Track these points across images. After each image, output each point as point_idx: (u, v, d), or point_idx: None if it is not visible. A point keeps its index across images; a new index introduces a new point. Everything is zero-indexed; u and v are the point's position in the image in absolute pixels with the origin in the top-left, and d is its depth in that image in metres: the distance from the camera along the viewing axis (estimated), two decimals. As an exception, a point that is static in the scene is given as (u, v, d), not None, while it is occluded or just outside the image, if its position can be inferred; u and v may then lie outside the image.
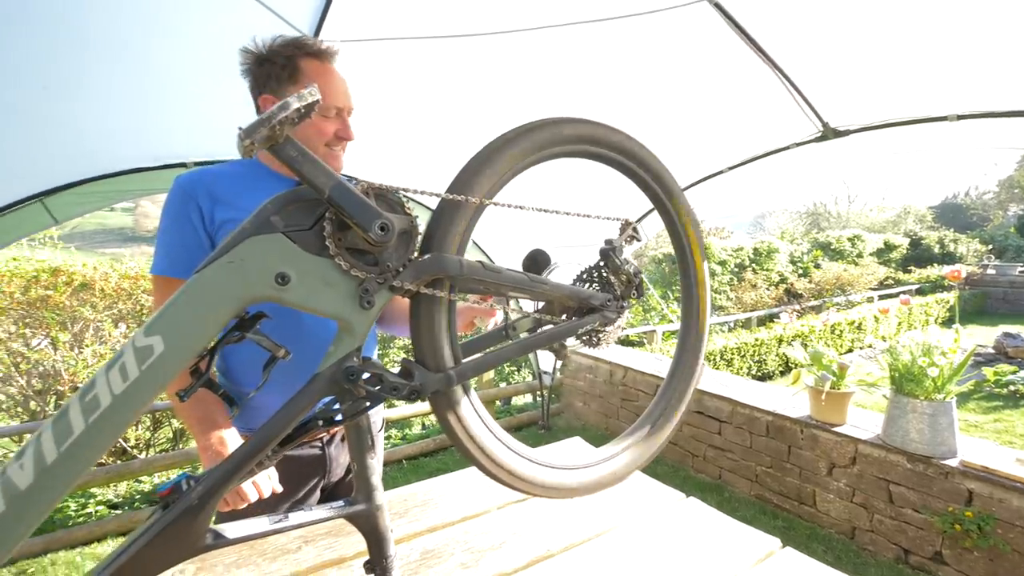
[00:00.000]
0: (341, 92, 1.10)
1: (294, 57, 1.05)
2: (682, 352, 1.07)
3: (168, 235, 1.04)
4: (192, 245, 1.03)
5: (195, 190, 1.04)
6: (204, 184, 1.05)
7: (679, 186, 1.05)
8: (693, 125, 3.05)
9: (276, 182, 1.11)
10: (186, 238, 1.03)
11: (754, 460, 3.22)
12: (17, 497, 0.45)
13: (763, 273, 10.94)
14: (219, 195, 1.05)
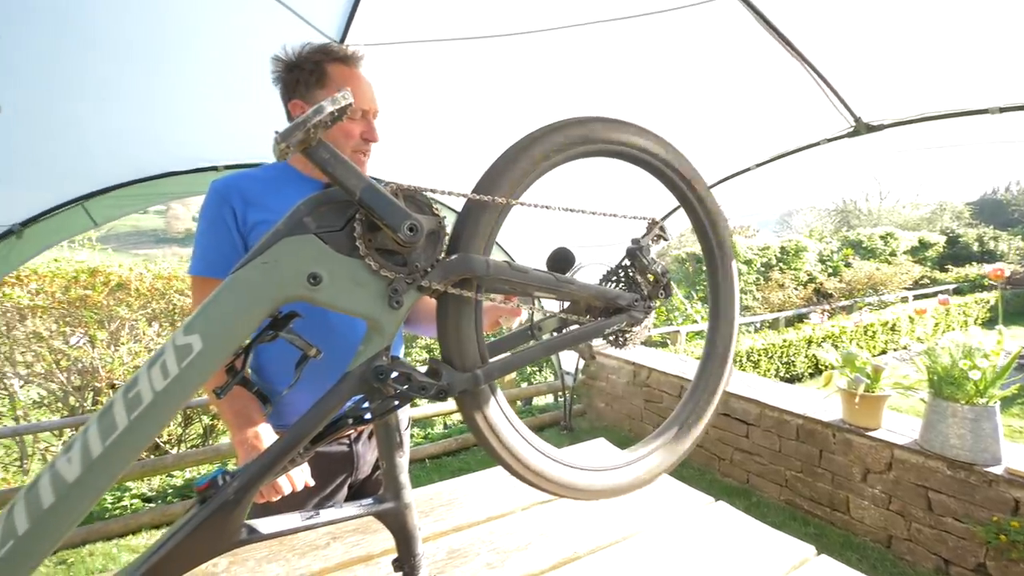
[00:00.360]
0: (367, 95, 1.12)
1: (321, 63, 1.09)
2: (710, 354, 1.05)
3: (204, 237, 1.08)
4: (226, 246, 1.07)
5: (229, 194, 1.07)
6: (237, 188, 1.08)
7: (707, 185, 1.03)
8: (719, 122, 2.99)
9: (305, 184, 1.14)
10: (220, 240, 1.07)
11: (783, 464, 3.14)
12: (65, 490, 0.47)
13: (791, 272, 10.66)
14: (251, 198, 1.08)
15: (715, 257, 1.04)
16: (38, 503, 0.46)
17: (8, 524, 0.45)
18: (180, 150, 2.68)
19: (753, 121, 3.03)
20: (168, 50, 1.91)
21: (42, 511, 0.45)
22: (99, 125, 2.24)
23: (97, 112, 2.13)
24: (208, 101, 2.28)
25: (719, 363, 1.04)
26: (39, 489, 0.46)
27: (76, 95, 1.99)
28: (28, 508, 0.45)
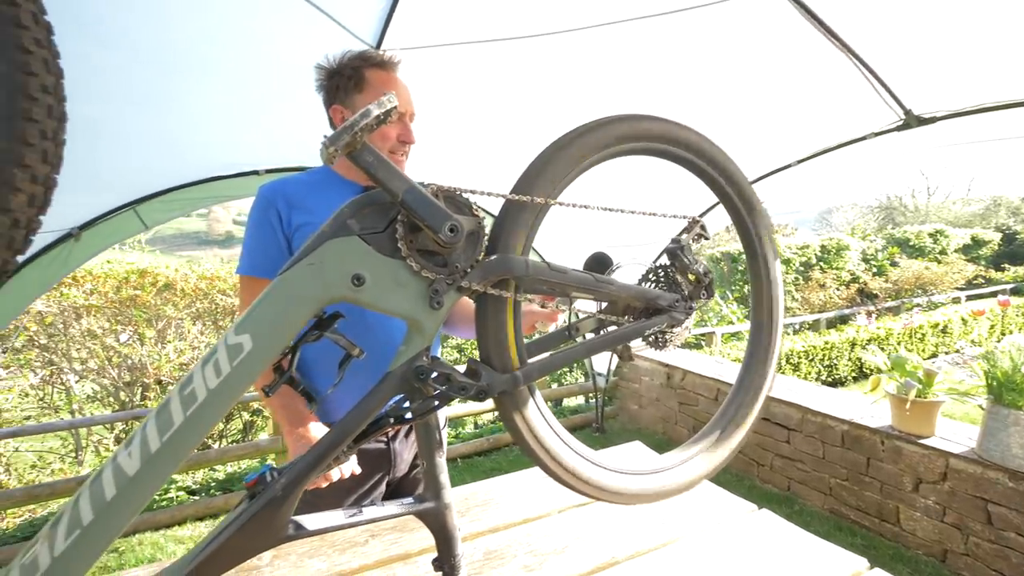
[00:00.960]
0: (403, 98, 1.15)
1: (360, 68, 1.13)
2: (752, 357, 1.01)
3: (251, 239, 1.13)
4: (272, 248, 1.11)
5: (274, 197, 1.12)
6: (282, 192, 1.13)
7: (749, 183, 0.99)
8: (758, 118, 2.89)
9: (346, 188, 1.17)
10: (266, 241, 1.11)
11: (828, 472, 3.01)
12: (126, 483, 0.48)
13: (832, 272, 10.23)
14: (295, 201, 1.12)
15: (758, 257, 1.01)
16: (101, 495, 0.47)
17: (74, 515, 0.47)
18: (223, 155, 2.78)
19: (794, 116, 2.92)
20: (211, 59, 1.98)
21: (105, 503, 0.47)
22: (149, 133, 2.35)
23: (147, 120, 2.24)
24: (250, 107, 2.36)
25: (762, 367, 1.01)
26: (102, 482, 0.48)
27: (127, 105, 2.09)
28: (92, 500, 0.47)
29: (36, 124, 0.43)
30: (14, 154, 0.42)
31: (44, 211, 0.46)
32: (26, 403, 5.35)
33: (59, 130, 0.46)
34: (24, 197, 0.43)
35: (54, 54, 0.45)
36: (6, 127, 0.42)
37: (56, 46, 0.46)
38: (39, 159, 0.44)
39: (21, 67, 0.42)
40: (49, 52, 0.45)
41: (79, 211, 2.72)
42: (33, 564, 0.45)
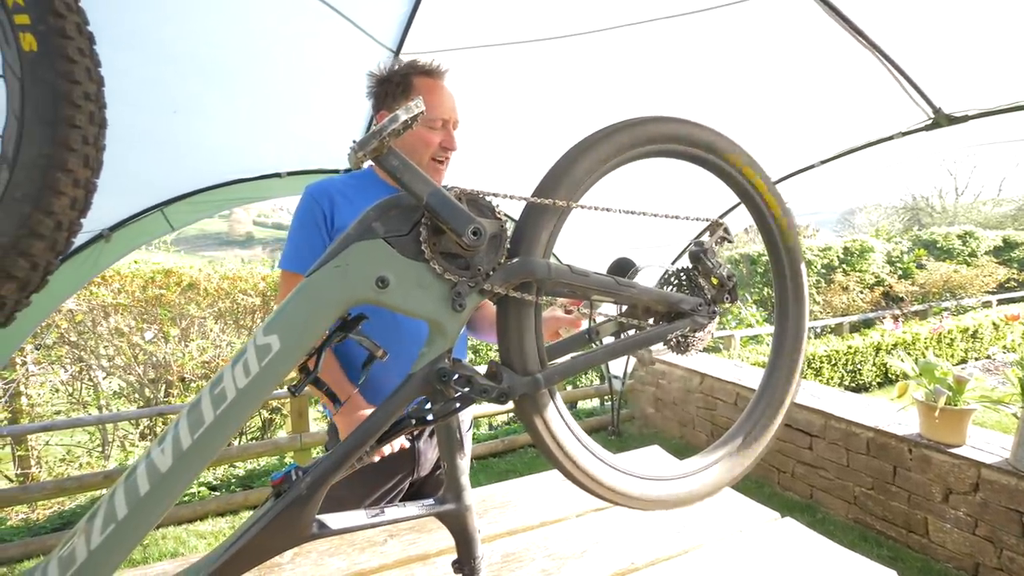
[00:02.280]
0: (446, 105, 1.19)
1: (408, 75, 1.17)
2: (776, 362, 0.99)
3: (296, 235, 1.17)
4: (316, 245, 1.16)
5: (320, 196, 1.16)
6: (327, 191, 1.17)
7: (774, 185, 0.97)
8: (781, 118, 2.84)
9: (386, 190, 1.21)
10: (311, 238, 1.16)
11: (852, 480, 2.93)
12: (159, 479, 0.50)
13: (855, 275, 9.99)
14: (339, 200, 1.17)
15: (782, 259, 0.99)
16: (135, 490, 0.49)
17: (109, 509, 0.49)
18: (245, 158, 2.84)
19: (818, 116, 2.87)
20: (236, 66, 2.02)
21: (139, 498, 0.49)
22: (176, 137, 2.41)
23: (175, 125, 2.30)
24: (272, 111, 2.41)
25: (786, 373, 0.99)
26: (136, 477, 0.49)
27: (156, 110, 2.15)
28: (127, 495, 0.49)
29: (79, 130, 0.45)
30: (58, 159, 0.44)
31: (84, 214, 0.48)
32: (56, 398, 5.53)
33: (99, 136, 0.47)
34: (67, 200, 0.45)
35: (95, 63, 0.47)
36: (51, 133, 0.43)
37: (97, 55, 0.47)
38: (81, 164, 0.45)
39: (65, 75, 0.44)
40: (91, 61, 0.46)
41: (110, 213, 2.80)
42: (71, 556, 0.47)
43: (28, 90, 0.43)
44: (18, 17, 0.43)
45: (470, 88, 2.35)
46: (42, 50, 0.43)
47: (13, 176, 0.43)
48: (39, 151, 0.43)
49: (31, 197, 0.43)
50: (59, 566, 0.46)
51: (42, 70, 0.44)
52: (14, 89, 0.44)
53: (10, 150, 0.43)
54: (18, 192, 0.43)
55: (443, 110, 1.17)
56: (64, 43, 0.44)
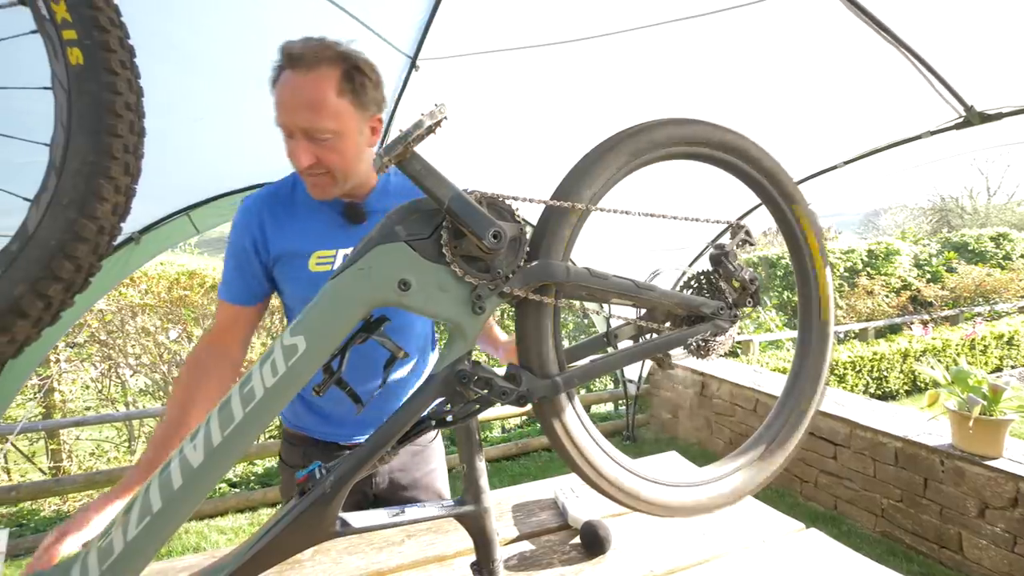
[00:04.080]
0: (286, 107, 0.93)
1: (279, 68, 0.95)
2: (800, 369, 0.98)
3: (228, 262, 1.09)
4: (248, 276, 1.08)
5: (250, 222, 1.07)
6: (258, 218, 1.07)
7: (796, 186, 0.96)
8: (803, 118, 2.79)
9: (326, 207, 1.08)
10: (242, 269, 1.08)
11: (879, 491, 2.85)
12: (191, 474, 0.51)
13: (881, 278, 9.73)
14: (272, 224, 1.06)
15: (806, 263, 0.97)
16: (169, 485, 0.51)
17: (145, 502, 0.50)
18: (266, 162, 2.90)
19: (841, 116, 2.81)
20: (255, 72, 2.07)
21: (172, 492, 0.51)
22: (203, 143, 2.48)
23: (203, 132, 2.36)
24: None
25: (811, 380, 0.97)
26: (170, 472, 0.51)
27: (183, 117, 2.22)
28: (161, 489, 0.51)
29: (120, 139, 0.47)
30: (101, 166, 0.46)
31: (124, 219, 0.50)
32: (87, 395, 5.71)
33: (139, 144, 0.49)
34: (109, 206, 0.47)
35: (136, 74, 0.49)
36: (95, 142, 0.46)
37: (137, 67, 0.49)
38: (122, 171, 0.47)
39: (109, 87, 0.46)
40: (132, 73, 0.48)
41: (139, 217, 2.89)
42: (108, 547, 0.49)
43: (75, 101, 0.46)
44: (66, 32, 0.45)
45: (489, 92, 2.37)
46: (88, 63, 0.46)
47: (60, 183, 0.45)
48: (84, 159, 0.46)
49: (76, 203, 0.45)
50: (98, 556, 0.48)
51: (87, 82, 0.46)
52: (62, 101, 0.46)
53: (57, 158, 0.46)
54: (65, 198, 0.45)
55: (281, 110, 0.93)
56: (108, 56, 0.46)
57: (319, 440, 1.20)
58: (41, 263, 0.46)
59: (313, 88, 0.91)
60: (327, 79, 0.92)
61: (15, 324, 0.46)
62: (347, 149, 0.96)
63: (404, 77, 2.21)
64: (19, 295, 0.46)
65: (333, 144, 0.94)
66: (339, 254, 1.08)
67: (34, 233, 0.46)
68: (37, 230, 0.46)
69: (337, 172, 0.97)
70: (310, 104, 0.91)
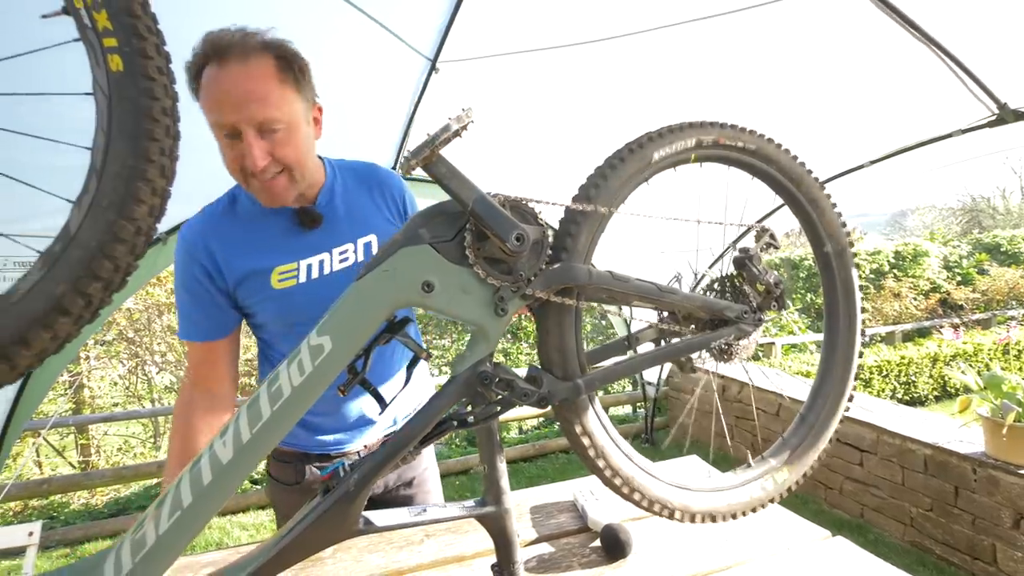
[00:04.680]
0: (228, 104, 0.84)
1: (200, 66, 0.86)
2: (826, 375, 0.96)
3: (180, 300, 0.99)
4: (207, 305, 0.98)
5: (195, 251, 0.97)
6: (203, 242, 0.97)
7: (821, 185, 0.94)
8: (827, 116, 2.74)
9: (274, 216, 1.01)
10: (198, 301, 0.98)
11: (908, 500, 2.77)
12: (220, 470, 0.53)
13: (908, 280, 9.45)
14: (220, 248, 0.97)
15: (832, 267, 0.95)
16: (199, 480, 0.52)
17: (176, 497, 0.52)
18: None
19: (867, 114, 2.74)
20: None
21: (202, 487, 0.52)
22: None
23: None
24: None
25: (837, 385, 0.95)
26: (200, 468, 0.52)
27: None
28: (192, 484, 0.52)
29: (157, 143, 0.48)
30: (139, 170, 0.47)
31: (159, 220, 0.52)
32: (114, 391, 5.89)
33: (174, 148, 0.51)
34: (146, 208, 0.48)
35: (172, 80, 0.50)
36: (134, 146, 0.47)
37: (173, 73, 0.51)
38: (158, 174, 0.49)
39: (146, 92, 0.47)
40: (167, 79, 0.50)
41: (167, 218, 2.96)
42: (141, 540, 0.50)
43: (114, 106, 0.47)
44: (107, 40, 0.47)
45: (509, 93, 2.37)
46: (127, 69, 0.47)
47: (100, 185, 0.47)
48: (123, 162, 0.47)
49: (116, 205, 0.47)
50: (131, 548, 0.49)
51: (126, 88, 0.48)
52: (102, 106, 0.48)
53: (98, 161, 0.47)
54: (105, 200, 0.47)
55: (225, 110, 0.83)
56: (145, 63, 0.48)
57: (311, 453, 1.14)
58: (82, 263, 0.47)
59: (256, 78, 0.83)
60: (265, 67, 0.84)
61: (57, 321, 0.48)
62: (300, 141, 0.90)
63: (424, 79, 2.23)
64: (61, 294, 0.47)
65: (286, 137, 0.87)
66: (301, 265, 0.98)
67: (76, 234, 0.48)
68: (78, 231, 0.48)
69: (295, 169, 0.91)
70: (256, 95, 0.83)
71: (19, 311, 0.46)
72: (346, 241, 1.03)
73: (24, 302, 0.47)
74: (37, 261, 0.48)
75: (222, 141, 0.88)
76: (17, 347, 0.46)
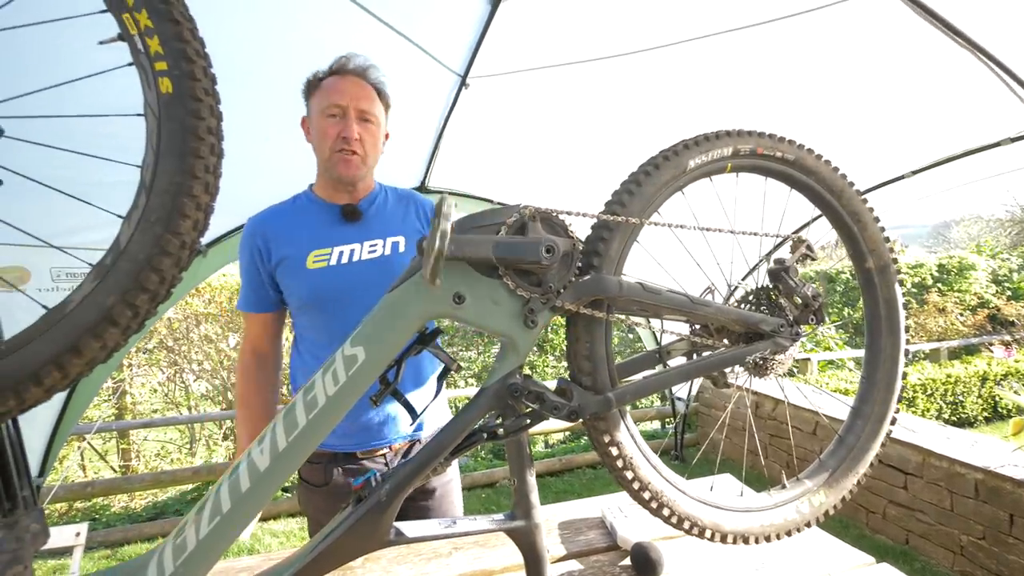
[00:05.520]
0: (348, 93, 1.14)
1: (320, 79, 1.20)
2: (867, 396, 0.92)
3: (243, 276, 1.22)
4: (256, 285, 1.19)
5: (254, 234, 1.19)
6: (261, 229, 1.20)
7: (864, 201, 0.91)
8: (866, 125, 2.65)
9: (325, 210, 1.22)
10: (251, 280, 1.20)
11: (958, 527, 2.60)
12: (258, 477, 0.54)
13: (954, 295, 8.99)
14: (273, 234, 1.18)
15: (874, 284, 0.92)
16: (238, 487, 0.53)
17: (216, 503, 0.53)
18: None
19: (908, 124, 2.65)
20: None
21: (240, 494, 0.53)
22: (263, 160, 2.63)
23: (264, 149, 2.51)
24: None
25: (879, 407, 0.91)
26: (239, 475, 0.54)
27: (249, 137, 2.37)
28: (231, 491, 0.53)
29: (202, 160, 0.51)
30: (185, 186, 0.50)
31: (203, 234, 0.54)
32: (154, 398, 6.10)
33: (218, 165, 0.53)
34: (190, 222, 0.51)
35: (217, 100, 0.53)
36: (180, 163, 0.49)
37: (218, 94, 0.53)
38: (203, 190, 0.51)
39: (193, 113, 0.50)
40: (213, 99, 0.52)
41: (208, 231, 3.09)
42: (183, 544, 0.51)
43: (163, 126, 0.50)
44: (158, 64, 0.50)
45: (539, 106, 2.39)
46: (176, 91, 0.50)
47: (149, 201, 0.49)
48: (170, 179, 0.49)
49: (163, 220, 0.49)
50: (173, 552, 0.51)
51: (175, 109, 0.50)
52: (152, 126, 0.50)
53: (148, 179, 0.50)
54: (153, 215, 0.49)
55: (339, 96, 1.13)
56: (193, 85, 0.50)
57: (338, 453, 1.22)
58: (131, 275, 0.50)
59: (365, 89, 1.18)
60: (372, 90, 1.20)
61: (107, 331, 0.50)
62: (377, 140, 1.20)
63: (454, 95, 2.27)
64: (111, 305, 0.50)
65: (373, 130, 1.18)
66: (334, 251, 1.16)
67: (125, 248, 0.50)
68: (128, 245, 0.50)
69: (369, 155, 1.18)
70: (364, 96, 1.17)
71: (72, 321, 0.49)
72: (376, 237, 1.20)
73: (77, 312, 0.49)
74: (89, 273, 0.51)
75: (326, 122, 1.14)
76: (70, 355, 0.49)
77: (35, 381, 0.47)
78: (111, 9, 0.51)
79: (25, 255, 2.36)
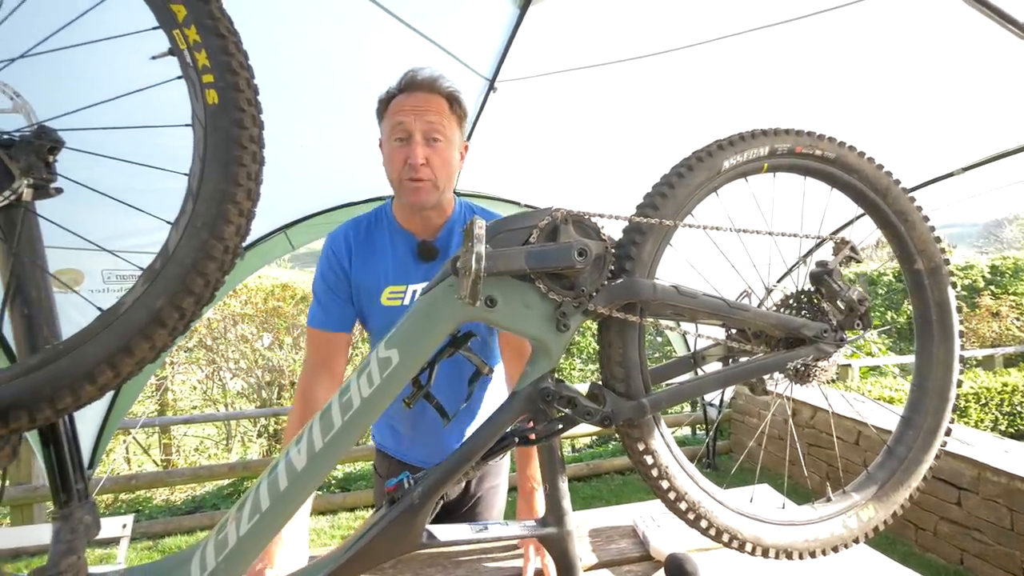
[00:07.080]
0: (410, 115, 1.06)
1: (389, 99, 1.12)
2: (918, 405, 0.87)
3: (320, 294, 1.17)
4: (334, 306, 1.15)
5: (339, 251, 1.16)
6: (345, 249, 1.17)
7: (912, 200, 0.87)
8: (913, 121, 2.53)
9: (399, 237, 1.18)
10: (331, 300, 1.16)
11: (1019, 547, 2.44)
12: (295, 476, 0.55)
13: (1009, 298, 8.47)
14: (357, 249, 1.16)
15: (925, 287, 0.87)
16: (277, 486, 0.54)
17: (255, 501, 0.54)
18: (356, 183, 3.11)
19: (959, 118, 2.51)
20: (343, 99, 2.24)
21: (279, 493, 0.54)
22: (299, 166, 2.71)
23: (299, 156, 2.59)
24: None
25: (931, 417, 0.86)
26: (278, 474, 0.55)
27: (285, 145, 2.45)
28: (270, 489, 0.54)
29: (244, 168, 0.52)
30: (228, 193, 0.51)
31: (244, 239, 0.56)
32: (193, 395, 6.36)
33: (259, 172, 0.55)
34: (233, 227, 0.52)
35: (259, 110, 0.55)
36: (224, 171, 0.51)
37: (260, 104, 0.55)
38: (245, 196, 0.53)
39: (237, 123, 0.51)
40: (255, 109, 0.54)
41: (247, 234, 3.21)
42: (224, 540, 0.53)
43: (209, 136, 0.52)
44: (205, 76, 0.52)
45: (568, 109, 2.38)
46: (221, 103, 0.52)
47: (196, 207, 0.51)
48: (215, 187, 0.51)
49: (208, 225, 0.51)
50: (215, 548, 0.52)
51: (220, 119, 0.52)
52: (199, 136, 0.52)
53: (194, 186, 0.52)
54: (199, 221, 0.51)
55: (404, 115, 1.05)
56: (237, 96, 0.52)
57: (394, 458, 1.28)
58: (178, 279, 0.52)
59: (436, 103, 1.09)
60: (442, 101, 1.10)
61: (156, 332, 0.52)
62: (449, 158, 1.10)
63: (483, 99, 2.28)
64: (160, 307, 0.52)
65: (442, 150, 1.08)
66: (409, 290, 1.13)
67: (173, 252, 0.52)
68: (176, 249, 0.52)
69: (439, 179, 1.08)
70: (435, 111, 1.07)
71: (125, 322, 0.51)
72: None
73: (129, 314, 0.51)
74: (140, 277, 0.53)
75: (393, 146, 1.08)
76: (122, 355, 0.51)
77: (90, 380, 0.50)
78: (163, 25, 0.53)
79: (78, 258, 2.49)
